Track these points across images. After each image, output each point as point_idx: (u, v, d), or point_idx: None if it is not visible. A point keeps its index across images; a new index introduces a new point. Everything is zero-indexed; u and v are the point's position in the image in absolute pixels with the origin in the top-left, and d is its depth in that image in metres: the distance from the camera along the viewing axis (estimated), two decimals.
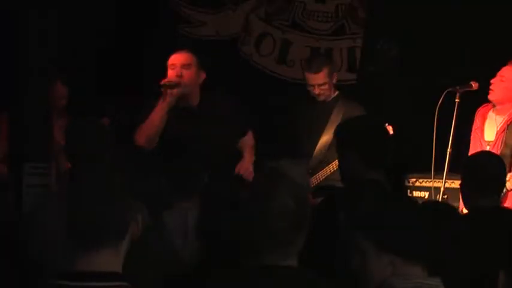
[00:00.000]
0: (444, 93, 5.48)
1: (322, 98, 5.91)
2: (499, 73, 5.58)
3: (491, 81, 5.57)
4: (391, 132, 5.55)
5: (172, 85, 5.26)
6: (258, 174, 2.63)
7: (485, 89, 5.63)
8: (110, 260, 2.35)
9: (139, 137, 5.27)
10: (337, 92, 6.00)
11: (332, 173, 5.68)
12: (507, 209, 4.43)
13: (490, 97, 5.59)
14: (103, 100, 6.36)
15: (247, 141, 5.59)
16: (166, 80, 5.28)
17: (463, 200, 4.24)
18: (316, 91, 5.88)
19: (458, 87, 5.57)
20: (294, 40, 7.15)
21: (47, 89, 5.65)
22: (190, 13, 7.16)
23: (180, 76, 5.29)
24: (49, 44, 5.66)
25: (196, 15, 7.16)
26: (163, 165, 3.89)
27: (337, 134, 4.03)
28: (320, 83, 5.86)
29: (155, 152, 5.14)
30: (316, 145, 5.90)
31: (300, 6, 7.13)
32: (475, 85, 5.63)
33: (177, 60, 5.35)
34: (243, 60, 7.15)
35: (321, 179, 5.78)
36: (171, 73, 5.32)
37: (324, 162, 5.79)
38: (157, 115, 5.27)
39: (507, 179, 4.65)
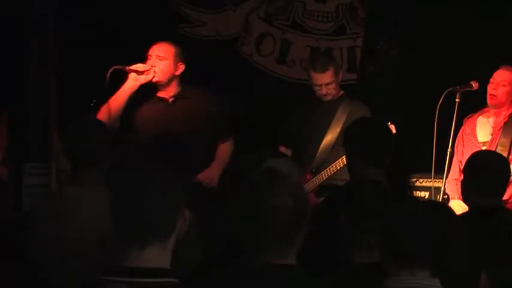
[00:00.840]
0: (444, 93, 5.48)
1: (329, 97, 5.89)
2: (497, 78, 5.56)
3: (493, 87, 5.54)
4: (394, 131, 5.55)
5: (140, 71, 5.38)
6: (257, 173, 2.62)
7: (485, 89, 5.63)
8: (158, 256, 2.37)
9: (99, 115, 5.33)
10: (342, 92, 5.99)
11: (335, 173, 5.67)
12: (508, 209, 4.42)
13: (492, 102, 5.57)
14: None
15: (222, 149, 5.58)
16: (135, 65, 5.41)
17: (463, 199, 4.23)
18: (324, 91, 5.86)
19: (458, 87, 5.57)
20: (294, 40, 7.14)
21: (47, 88, 5.65)
22: (190, 13, 7.16)
23: (152, 65, 5.41)
24: (49, 43, 5.66)
25: (196, 15, 7.16)
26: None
27: (343, 134, 4.08)
28: (327, 82, 5.84)
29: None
30: (320, 144, 5.89)
31: (300, 6, 7.13)
32: (475, 85, 5.63)
33: (153, 50, 5.49)
34: (243, 60, 7.15)
35: (324, 178, 5.77)
36: (147, 62, 5.46)
37: (327, 161, 5.78)
38: (118, 96, 5.36)
39: None
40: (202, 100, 5.50)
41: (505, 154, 5.33)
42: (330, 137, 5.86)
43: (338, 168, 5.63)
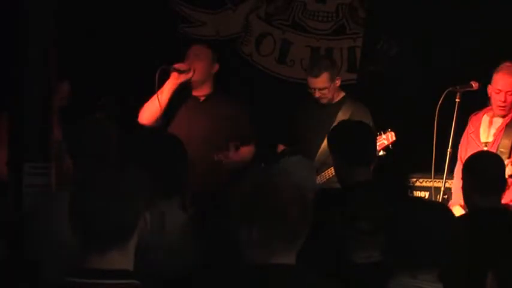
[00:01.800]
0: (444, 93, 5.48)
1: (324, 101, 5.92)
2: (504, 87, 5.45)
3: (501, 99, 5.47)
4: (393, 138, 5.56)
5: (182, 70, 5.61)
6: (262, 173, 2.61)
7: (485, 88, 5.62)
8: (119, 258, 2.40)
9: (142, 116, 5.65)
10: (343, 94, 5.98)
11: (334, 175, 5.67)
12: (508, 210, 4.42)
13: (503, 113, 5.53)
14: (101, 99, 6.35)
15: (245, 149, 5.78)
16: (177, 64, 5.62)
17: (464, 200, 4.23)
18: (316, 95, 5.89)
19: (458, 87, 5.57)
20: (294, 40, 7.14)
21: (47, 88, 5.65)
22: (190, 13, 7.16)
23: (192, 64, 5.65)
24: (49, 43, 5.66)
25: (196, 15, 7.16)
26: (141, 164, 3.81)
27: (327, 138, 4.13)
28: (320, 87, 5.85)
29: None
30: (320, 146, 5.88)
31: (300, 6, 7.13)
32: (475, 85, 5.62)
33: (191, 51, 5.75)
34: (243, 60, 7.15)
35: (324, 180, 5.77)
36: (186, 61, 5.69)
37: (327, 163, 5.77)
38: (162, 95, 5.58)
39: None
40: (232, 104, 5.77)
41: (506, 155, 5.33)
42: None
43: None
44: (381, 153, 5.51)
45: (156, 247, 3.47)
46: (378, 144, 5.17)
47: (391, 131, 5.56)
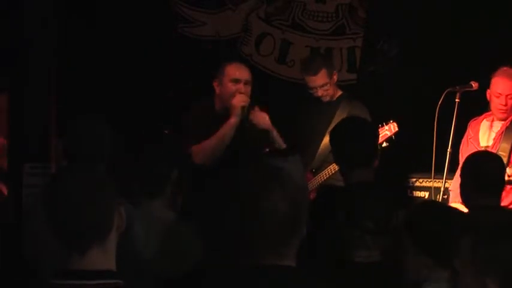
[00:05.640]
0: (444, 93, 5.48)
1: (326, 99, 5.90)
2: (504, 91, 5.46)
3: (502, 103, 5.47)
4: (396, 129, 5.55)
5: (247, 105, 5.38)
6: (252, 174, 2.60)
7: (485, 89, 5.63)
8: (100, 258, 2.40)
9: (200, 156, 5.23)
10: (340, 92, 5.99)
11: (335, 173, 5.67)
12: (507, 209, 4.42)
13: (503, 117, 5.53)
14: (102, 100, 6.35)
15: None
16: (241, 101, 5.36)
17: (462, 200, 4.22)
18: (319, 93, 5.86)
19: (458, 87, 5.57)
20: (294, 40, 7.15)
21: (48, 89, 5.66)
22: (190, 13, 7.16)
23: (244, 92, 5.39)
24: (50, 43, 5.66)
25: (196, 15, 7.16)
26: (130, 165, 3.83)
27: (329, 136, 4.12)
28: (320, 84, 5.84)
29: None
30: (320, 144, 5.89)
31: (300, 6, 7.13)
32: (475, 85, 5.63)
33: (242, 75, 5.48)
34: (243, 60, 7.14)
35: (324, 178, 5.78)
36: (232, 87, 5.41)
37: (327, 161, 5.78)
38: (228, 133, 5.30)
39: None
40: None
41: (505, 159, 5.32)
42: (328, 138, 5.85)
43: (337, 168, 5.62)
44: (384, 144, 5.48)
45: (144, 246, 3.48)
46: (380, 135, 5.16)
47: (393, 121, 5.54)
